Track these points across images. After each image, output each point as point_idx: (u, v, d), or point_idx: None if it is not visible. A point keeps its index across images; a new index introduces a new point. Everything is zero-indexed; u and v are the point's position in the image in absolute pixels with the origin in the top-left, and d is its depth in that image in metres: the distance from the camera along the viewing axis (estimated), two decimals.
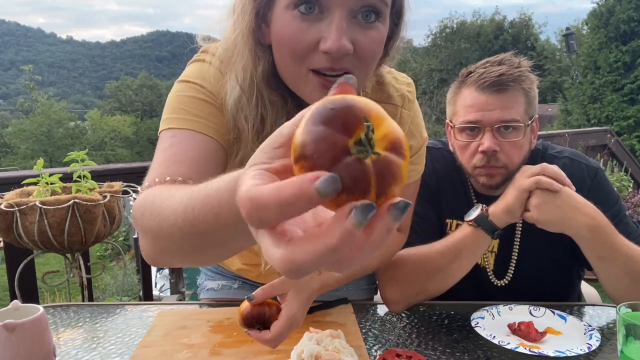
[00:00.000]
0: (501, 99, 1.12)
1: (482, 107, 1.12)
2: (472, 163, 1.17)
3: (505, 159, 1.14)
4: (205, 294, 1.31)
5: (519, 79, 1.12)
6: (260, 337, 0.79)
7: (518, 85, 1.12)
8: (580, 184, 1.14)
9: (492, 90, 1.12)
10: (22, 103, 33.30)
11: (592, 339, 0.95)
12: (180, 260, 0.69)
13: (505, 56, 1.18)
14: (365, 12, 0.73)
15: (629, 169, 5.20)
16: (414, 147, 1.01)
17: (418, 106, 1.02)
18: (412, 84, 1.01)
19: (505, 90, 1.12)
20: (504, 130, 1.13)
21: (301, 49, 0.73)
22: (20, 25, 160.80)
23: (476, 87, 1.14)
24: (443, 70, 29.67)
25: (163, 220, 0.60)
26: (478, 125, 1.14)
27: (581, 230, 1.02)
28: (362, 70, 0.76)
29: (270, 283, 0.85)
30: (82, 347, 0.98)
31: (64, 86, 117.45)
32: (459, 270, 1.09)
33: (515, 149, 1.14)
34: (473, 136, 1.15)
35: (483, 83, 1.12)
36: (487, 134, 1.12)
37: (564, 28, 21.40)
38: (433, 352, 0.95)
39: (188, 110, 0.82)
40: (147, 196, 0.68)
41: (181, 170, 0.74)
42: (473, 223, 1.07)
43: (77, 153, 1.75)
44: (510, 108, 1.12)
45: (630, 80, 21.21)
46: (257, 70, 0.78)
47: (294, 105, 0.81)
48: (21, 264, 1.80)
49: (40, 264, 5.43)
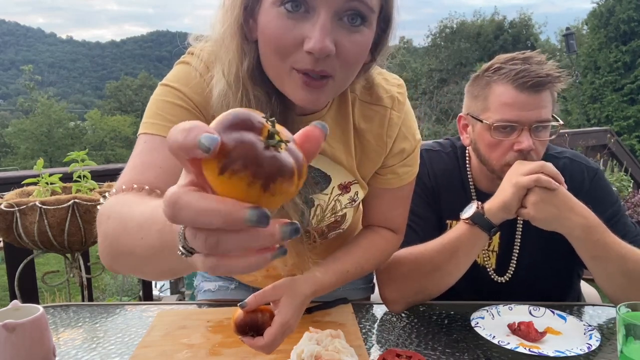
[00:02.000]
0: (538, 98, 1.11)
1: (522, 106, 1.11)
2: (505, 160, 1.15)
3: (537, 157, 1.14)
4: (203, 295, 1.31)
5: (556, 79, 1.12)
6: (254, 343, 0.79)
7: (553, 87, 1.12)
8: (580, 185, 1.14)
9: (533, 90, 1.10)
10: (22, 103, 33.30)
11: (592, 339, 0.95)
12: (134, 270, 0.70)
13: (533, 54, 1.16)
14: (351, 15, 0.73)
15: (629, 169, 5.20)
16: (407, 150, 0.99)
17: (410, 107, 1.00)
18: (403, 84, 0.99)
19: (543, 91, 1.11)
20: (538, 129, 1.13)
21: (285, 46, 0.73)
22: (20, 25, 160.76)
23: (515, 85, 1.11)
24: (443, 70, 29.67)
25: (123, 230, 0.62)
26: (517, 125, 1.12)
27: (575, 230, 1.03)
28: (343, 73, 0.77)
29: (263, 290, 0.85)
30: (82, 347, 0.98)
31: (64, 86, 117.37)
32: (456, 268, 1.09)
33: (543, 147, 1.15)
34: (507, 134, 1.14)
35: (525, 82, 1.10)
36: (525, 133, 1.11)
37: (564, 28, 21.39)
38: (433, 352, 0.95)
39: (164, 116, 0.82)
40: (114, 202, 0.70)
41: (149, 178, 0.75)
42: (469, 221, 1.07)
43: (77, 153, 1.75)
44: (546, 107, 1.12)
45: (630, 80, 21.23)
46: (242, 65, 0.78)
47: (278, 102, 0.81)
48: (21, 264, 1.80)
49: (40, 264, 5.43)
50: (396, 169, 1.00)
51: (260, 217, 0.34)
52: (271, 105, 0.80)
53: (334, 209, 1.01)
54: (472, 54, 30.04)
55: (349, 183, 0.99)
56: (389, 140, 0.97)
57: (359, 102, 0.94)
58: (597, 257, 1.05)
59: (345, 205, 1.02)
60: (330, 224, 1.04)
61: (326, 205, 1.00)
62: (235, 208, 0.34)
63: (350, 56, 0.75)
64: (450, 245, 1.08)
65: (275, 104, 0.81)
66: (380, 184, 1.03)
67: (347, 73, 0.78)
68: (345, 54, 0.74)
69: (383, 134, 0.96)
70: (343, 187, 0.99)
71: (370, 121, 0.95)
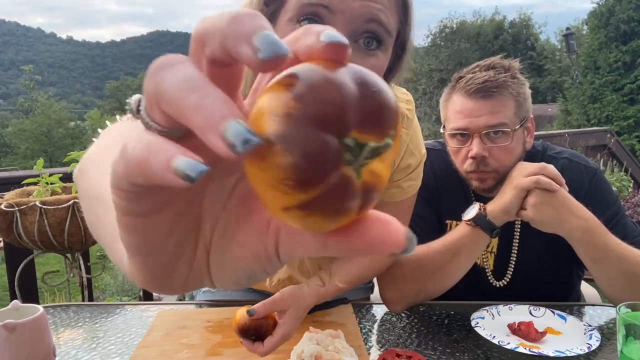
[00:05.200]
0: (488, 104, 1.12)
1: (470, 113, 1.13)
2: (464, 168, 1.17)
3: (496, 164, 1.14)
4: (202, 295, 1.31)
5: (504, 84, 1.12)
6: (254, 349, 0.82)
7: (504, 90, 1.12)
8: (579, 185, 1.14)
9: (478, 97, 1.12)
10: (22, 103, 33.30)
11: (592, 339, 0.95)
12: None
13: (495, 60, 1.17)
14: (368, 38, 0.72)
15: (629, 169, 5.20)
16: (413, 165, 1.01)
17: (417, 123, 1.02)
18: (412, 100, 1.01)
19: (492, 96, 1.12)
20: (494, 135, 1.12)
21: None
22: (20, 25, 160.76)
23: (464, 93, 1.14)
24: (443, 70, 29.64)
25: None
26: (467, 132, 1.14)
27: (574, 232, 1.02)
28: None
29: (272, 299, 0.86)
30: (82, 347, 0.98)
31: (64, 86, 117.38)
32: (458, 269, 1.09)
33: (505, 153, 1.14)
34: (464, 141, 1.16)
35: (470, 89, 1.13)
36: (476, 139, 1.13)
37: (564, 28, 21.38)
38: (433, 352, 0.95)
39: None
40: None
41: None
42: (471, 222, 1.07)
43: (77, 153, 1.75)
44: (498, 113, 1.12)
45: (630, 80, 21.21)
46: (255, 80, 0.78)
47: None
48: (21, 264, 1.80)
49: (40, 264, 5.43)
50: (401, 183, 1.02)
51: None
52: None
53: None
54: (472, 54, 30.00)
55: None
56: (397, 157, 0.99)
57: None
58: (597, 260, 1.05)
59: None
60: None
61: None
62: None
63: None
64: (452, 246, 1.08)
65: None
66: (385, 197, 1.04)
67: None
68: None
69: None
70: None
71: None
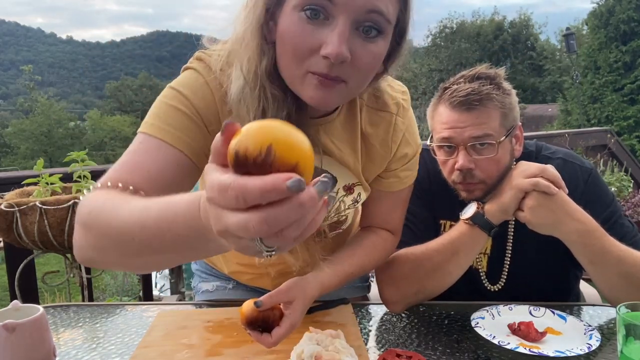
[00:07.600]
0: (472, 116, 1.11)
1: (454, 124, 1.12)
2: (451, 179, 1.17)
3: (482, 175, 1.12)
4: (201, 296, 1.31)
5: (487, 96, 1.10)
6: (262, 339, 0.83)
7: (489, 102, 1.11)
8: (574, 186, 1.13)
9: (462, 109, 1.11)
10: (22, 103, 33.29)
11: (592, 339, 0.95)
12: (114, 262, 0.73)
13: (480, 70, 1.16)
14: (367, 27, 0.75)
15: (629, 169, 5.20)
16: (409, 154, 1.03)
17: (412, 114, 1.04)
18: (407, 92, 1.03)
19: (475, 108, 1.10)
20: (479, 146, 1.11)
21: (302, 50, 0.75)
22: (20, 25, 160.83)
23: (448, 104, 1.13)
24: (443, 70, 29.62)
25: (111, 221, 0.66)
26: (452, 144, 1.13)
27: (571, 235, 1.02)
28: (356, 80, 0.79)
29: (277, 290, 0.87)
30: (82, 347, 0.98)
31: (64, 86, 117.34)
32: (457, 268, 1.10)
33: (491, 164, 1.12)
34: (450, 153, 1.15)
35: (454, 101, 1.12)
36: (461, 152, 1.12)
37: (564, 28, 21.35)
38: (433, 352, 0.95)
39: (164, 119, 0.83)
40: (98, 196, 0.72)
41: (135, 179, 0.77)
42: (469, 221, 1.07)
43: (77, 153, 1.75)
44: (482, 124, 1.10)
45: (630, 80, 21.20)
46: (261, 65, 0.80)
47: (293, 101, 0.82)
48: (21, 264, 1.80)
49: (40, 264, 5.43)
50: (398, 173, 1.04)
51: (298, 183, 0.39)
52: (287, 104, 0.82)
53: (338, 209, 1.04)
54: (472, 54, 30.01)
55: (353, 185, 1.02)
56: (394, 145, 1.00)
57: (366, 108, 0.98)
58: (595, 262, 1.04)
59: (349, 206, 1.04)
60: (332, 223, 1.06)
61: (331, 205, 1.02)
62: (278, 179, 0.39)
63: (364, 65, 0.77)
64: (450, 245, 1.08)
65: (290, 102, 0.82)
66: (383, 187, 1.05)
67: (359, 81, 0.80)
68: (360, 63, 0.76)
69: (388, 139, 1.00)
70: (347, 188, 1.02)
71: (376, 126, 0.98)
